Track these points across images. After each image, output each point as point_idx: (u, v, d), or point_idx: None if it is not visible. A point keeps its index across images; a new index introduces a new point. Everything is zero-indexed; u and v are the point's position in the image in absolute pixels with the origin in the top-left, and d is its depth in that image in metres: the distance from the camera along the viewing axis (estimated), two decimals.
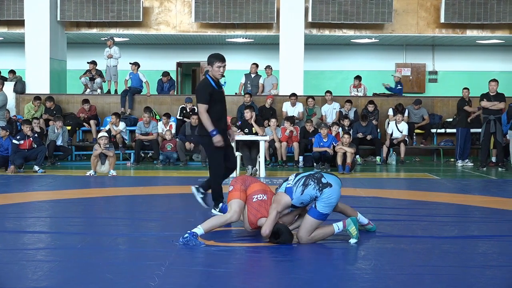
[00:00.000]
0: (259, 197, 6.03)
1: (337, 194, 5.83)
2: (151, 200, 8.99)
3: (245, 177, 6.31)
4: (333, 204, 5.81)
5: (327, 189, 5.77)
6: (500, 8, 17.20)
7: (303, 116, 15.82)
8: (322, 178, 5.86)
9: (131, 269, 4.99)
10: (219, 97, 7.47)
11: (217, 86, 7.44)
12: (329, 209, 5.80)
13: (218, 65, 7.30)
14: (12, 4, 17.13)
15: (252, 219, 5.99)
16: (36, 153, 12.80)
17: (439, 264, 5.17)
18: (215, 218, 6.01)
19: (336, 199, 5.82)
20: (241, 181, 6.21)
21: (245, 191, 6.10)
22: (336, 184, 5.86)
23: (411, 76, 21.50)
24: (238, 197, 6.03)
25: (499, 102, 13.66)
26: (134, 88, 16.62)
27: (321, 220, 5.80)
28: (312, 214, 5.77)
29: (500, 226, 6.95)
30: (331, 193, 5.77)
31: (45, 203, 8.56)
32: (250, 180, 6.28)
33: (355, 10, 17.18)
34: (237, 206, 5.99)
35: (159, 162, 14.36)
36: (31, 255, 5.38)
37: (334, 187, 5.81)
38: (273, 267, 5.20)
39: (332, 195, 5.77)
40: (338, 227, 5.86)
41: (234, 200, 6.02)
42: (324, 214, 5.77)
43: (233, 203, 6.02)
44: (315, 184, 5.79)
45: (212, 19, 17.29)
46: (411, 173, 13.18)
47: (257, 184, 6.22)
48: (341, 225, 5.86)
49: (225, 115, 7.64)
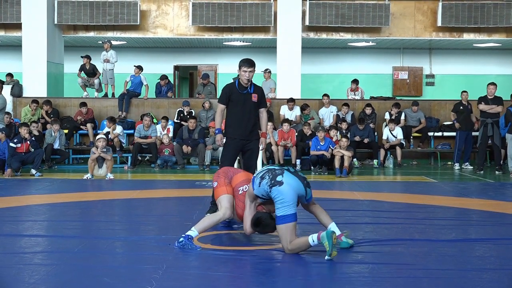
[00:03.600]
0: (245, 188, 6.04)
1: (286, 194, 5.42)
2: (148, 203, 8.98)
3: (226, 169, 6.33)
4: (287, 204, 5.40)
5: (275, 188, 5.46)
6: (497, 11, 17.25)
7: (300, 119, 15.82)
8: (279, 176, 5.52)
9: (128, 272, 4.98)
10: (240, 100, 7.59)
11: (241, 89, 7.57)
12: (287, 210, 5.39)
13: (244, 69, 7.48)
14: (10, 7, 17.13)
15: (240, 213, 6.00)
16: (33, 156, 12.78)
17: (436, 267, 5.17)
18: (208, 218, 6.00)
19: (287, 198, 5.41)
20: (224, 174, 6.22)
21: (230, 184, 6.11)
22: (289, 185, 5.46)
23: (408, 79, 21.54)
24: (226, 192, 6.04)
25: (497, 105, 13.69)
26: (132, 91, 16.62)
27: (287, 222, 5.40)
28: (279, 222, 5.45)
29: (497, 229, 6.96)
30: (278, 193, 5.43)
31: (42, 207, 8.54)
32: (233, 171, 6.29)
33: (352, 14, 17.21)
34: (227, 201, 6.00)
35: (157, 165, 14.35)
36: (28, 259, 5.37)
37: (283, 186, 5.44)
38: (270, 270, 5.19)
39: (278, 195, 5.43)
40: (313, 240, 5.37)
41: (223, 196, 6.02)
42: (285, 215, 5.39)
43: (222, 199, 6.01)
44: (269, 179, 5.55)
45: (210, 23, 17.30)
46: (409, 177, 13.18)
47: (240, 175, 6.21)
48: (316, 237, 5.36)
49: (248, 118, 7.63)
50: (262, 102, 7.78)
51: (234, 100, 7.63)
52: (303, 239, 5.43)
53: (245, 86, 7.59)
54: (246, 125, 7.65)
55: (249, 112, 7.66)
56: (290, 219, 5.42)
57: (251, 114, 7.67)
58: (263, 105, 7.81)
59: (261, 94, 7.76)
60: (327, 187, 10.86)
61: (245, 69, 7.47)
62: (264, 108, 7.85)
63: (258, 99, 7.70)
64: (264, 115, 7.82)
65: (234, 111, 7.66)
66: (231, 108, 7.66)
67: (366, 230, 6.79)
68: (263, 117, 7.82)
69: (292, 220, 5.42)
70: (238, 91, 7.61)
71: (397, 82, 21.53)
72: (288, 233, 5.42)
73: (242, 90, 7.61)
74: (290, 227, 5.43)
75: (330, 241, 5.22)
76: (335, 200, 9.04)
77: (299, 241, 5.44)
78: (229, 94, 7.63)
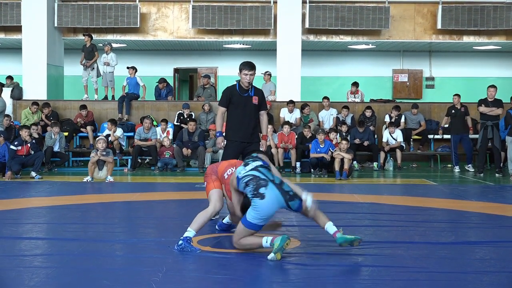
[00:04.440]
0: (229, 172, 6.11)
1: (263, 209, 5.46)
2: (148, 206, 8.97)
3: (211, 167, 6.40)
4: (261, 217, 5.48)
5: (257, 200, 5.48)
6: (497, 14, 17.26)
7: (300, 122, 15.82)
8: (262, 188, 5.51)
9: (128, 275, 4.98)
10: (240, 103, 7.64)
11: (241, 92, 7.63)
12: (257, 221, 5.50)
13: (244, 72, 7.54)
14: (10, 10, 17.15)
15: (230, 195, 6.06)
16: (33, 159, 12.78)
17: (436, 270, 5.16)
18: (201, 215, 5.99)
19: (263, 213, 5.47)
20: (210, 171, 6.32)
21: (217, 179, 6.19)
22: (269, 200, 5.47)
23: (408, 82, 21.55)
24: (213, 187, 6.13)
25: (497, 108, 13.70)
26: (131, 94, 16.62)
27: (250, 229, 5.54)
28: (242, 221, 5.60)
29: (497, 232, 6.96)
30: (258, 205, 5.46)
31: (42, 209, 8.55)
32: (216, 165, 6.37)
33: (352, 16, 17.22)
34: (216, 195, 6.09)
35: (157, 168, 14.35)
36: (28, 261, 5.37)
37: (264, 201, 5.46)
38: (269, 273, 5.19)
39: (259, 207, 5.47)
40: (267, 241, 5.48)
41: (211, 192, 6.13)
42: (253, 224, 5.50)
43: (211, 195, 6.12)
44: (253, 188, 5.55)
45: (210, 25, 17.31)
46: (408, 179, 13.18)
47: (223, 163, 6.32)
48: (270, 239, 5.46)
49: (248, 121, 7.67)
50: (262, 105, 7.81)
51: (234, 103, 7.67)
52: (257, 239, 5.59)
53: (245, 89, 7.62)
54: (246, 127, 7.69)
55: (250, 114, 7.70)
56: (252, 227, 5.56)
57: (252, 116, 7.70)
58: (263, 107, 7.84)
59: (261, 97, 7.80)
60: (327, 189, 10.86)
61: (246, 72, 7.51)
62: (264, 110, 7.88)
63: (259, 101, 7.72)
64: (264, 118, 7.86)
65: (234, 113, 7.69)
66: (231, 110, 7.70)
67: (366, 232, 6.79)
68: (263, 120, 7.85)
69: (254, 229, 5.57)
70: (239, 93, 7.65)
71: (397, 85, 21.55)
72: (242, 233, 5.59)
73: (243, 93, 7.64)
74: (247, 231, 5.58)
75: (282, 243, 5.37)
76: (335, 203, 9.04)
77: (251, 240, 5.61)
78: (229, 97, 7.67)
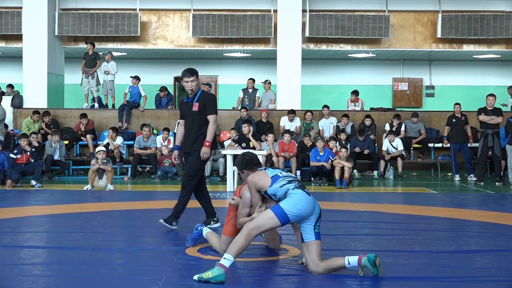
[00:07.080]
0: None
1: (305, 202, 5.21)
2: (148, 214, 8.95)
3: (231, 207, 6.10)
4: (300, 207, 5.18)
5: (300, 191, 5.28)
6: (497, 23, 17.30)
7: (300, 131, 15.82)
8: (306, 188, 5.40)
9: (127, 284, 4.96)
10: (186, 111, 7.46)
11: (187, 100, 7.48)
12: (293, 209, 5.16)
13: (185, 80, 7.38)
14: (10, 19, 17.19)
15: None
16: (33, 167, 12.78)
17: (437, 279, 5.15)
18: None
19: (301, 204, 5.19)
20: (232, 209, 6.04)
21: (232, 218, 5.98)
22: (312, 199, 5.31)
23: (408, 90, 21.57)
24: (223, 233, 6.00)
25: (497, 116, 13.71)
26: (132, 102, 16.64)
27: (279, 219, 5.16)
28: (273, 209, 5.22)
29: (497, 241, 6.95)
30: (301, 196, 5.23)
31: (42, 218, 8.54)
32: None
33: (352, 25, 17.26)
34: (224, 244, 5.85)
35: (157, 176, 14.34)
36: (27, 270, 5.36)
37: (308, 196, 5.29)
38: (272, 281, 5.17)
39: (300, 197, 5.22)
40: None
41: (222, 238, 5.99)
42: (285, 213, 5.16)
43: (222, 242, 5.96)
44: (298, 184, 5.38)
45: (210, 34, 17.35)
46: (409, 188, 13.17)
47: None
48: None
49: (189, 129, 7.41)
50: (207, 110, 7.31)
51: (182, 112, 7.51)
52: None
53: (190, 97, 7.44)
54: (188, 136, 7.42)
55: (192, 123, 7.37)
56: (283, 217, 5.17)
57: (194, 125, 7.35)
58: (209, 111, 7.32)
59: (206, 102, 7.32)
60: (327, 198, 10.85)
61: (186, 79, 7.33)
62: (211, 115, 7.34)
63: (199, 107, 7.29)
64: (210, 123, 7.32)
65: (185, 123, 7.49)
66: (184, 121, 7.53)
67: (366, 241, 6.78)
68: (209, 125, 7.32)
69: (283, 219, 5.18)
70: (185, 102, 7.46)
71: (397, 93, 21.58)
72: (264, 222, 5.17)
73: (188, 101, 7.46)
74: (272, 222, 5.19)
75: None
76: (335, 211, 9.02)
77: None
78: (180, 107, 7.52)
